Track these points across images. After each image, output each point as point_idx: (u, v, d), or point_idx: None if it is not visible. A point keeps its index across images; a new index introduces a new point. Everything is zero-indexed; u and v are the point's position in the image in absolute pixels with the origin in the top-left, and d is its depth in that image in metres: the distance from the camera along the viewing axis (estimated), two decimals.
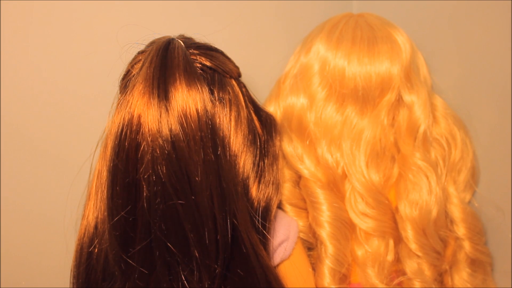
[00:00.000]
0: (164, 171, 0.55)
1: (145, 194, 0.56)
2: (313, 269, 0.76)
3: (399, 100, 0.79)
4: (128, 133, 0.56)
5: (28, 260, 0.81)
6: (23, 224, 0.80)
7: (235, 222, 0.59)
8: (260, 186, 0.65)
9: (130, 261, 0.58)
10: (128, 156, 0.56)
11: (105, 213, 0.60)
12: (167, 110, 0.55)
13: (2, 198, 0.78)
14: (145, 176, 0.55)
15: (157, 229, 0.56)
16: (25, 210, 0.80)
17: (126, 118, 0.56)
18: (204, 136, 0.56)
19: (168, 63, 0.57)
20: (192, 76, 0.57)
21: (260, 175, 0.65)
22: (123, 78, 0.64)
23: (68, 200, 0.75)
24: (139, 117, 0.55)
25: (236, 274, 0.60)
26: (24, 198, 0.80)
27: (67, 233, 0.77)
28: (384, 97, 0.78)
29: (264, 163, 0.66)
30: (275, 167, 0.68)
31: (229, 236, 0.59)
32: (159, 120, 0.55)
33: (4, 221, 0.79)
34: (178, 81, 0.56)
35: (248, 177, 0.63)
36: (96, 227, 0.64)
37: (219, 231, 0.58)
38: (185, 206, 0.56)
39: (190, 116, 0.56)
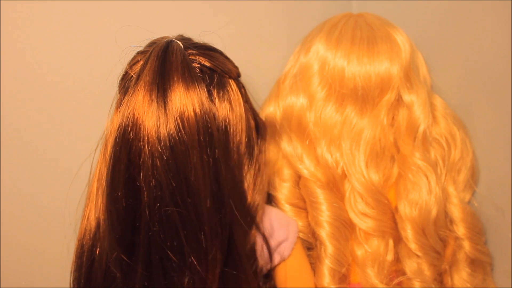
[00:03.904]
0: (162, 175, 0.55)
1: (145, 198, 0.56)
2: (313, 269, 0.76)
3: (399, 100, 0.79)
4: (127, 137, 0.56)
5: (28, 260, 0.82)
6: (23, 224, 0.80)
7: (233, 225, 0.59)
8: (254, 189, 0.65)
9: (132, 264, 0.58)
10: (127, 159, 0.56)
11: (106, 214, 0.60)
12: (165, 114, 0.55)
13: (2, 198, 0.78)
14: (145, 180, 0.56)
15: (156, 233, 0.56)
16: (25, 210, 0.80)
17: (126, 123, 0.56)
18: (202, 139, 0.56)
19: (167, 67, 0.57)
20: (191, 80, 0.57)
21: (255, 178, 0.65)
22: (122, 79, 0.64)
23: (68, 200, 0.75)
24: (138, 121, 0.56)
25: (232, 279, 0.60)
26: (24, 198, 0.80)
27: (67, 233, 0.77)
28: (383, 97, 0.78)
29: (258, 167, 0.66)
30: (265, 172, 0.68)
31: (227, 239, 0.59)
32: (158, 124, 0.55)
33: (4, 221, 0.79)
34: (176, 85, 0.56)
35: (245, 180, 0.63)
36: (97, 227, 0.64)
37: (216, 235, 0.58)
38: (182, 210, 0.56)
39: (188, 119, 0.56)
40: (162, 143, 0.55)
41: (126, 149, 0.56)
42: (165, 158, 0.55)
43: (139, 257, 0.58)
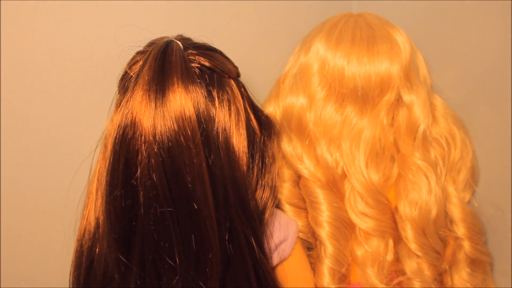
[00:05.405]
0: (158, 175, 0.55)
1: (141, 198, 0.56)
2: (313, 269, 0.76)
3: (399, 100, 0.79)
4: (126, 136, 0.56)
5: (28, 260, 0.82)
6: (23, 224, 0.80)
7: (231, 226, 0.59)
8: (258, 188, 0.65)
9: (129, 264, 0.58)
10: (125, 159, 0.56)
11: (105, 214, 0.60)
12: (163, 114, 0.55)
13: (2, 198, 0.78)
14: (141, 179, 0.56)
15: (150, 233, 0.56)
16: (25, 210, 0.80)
17: (125, 122, 0.56)
18: (198, 140, 0.56)
19: (166, 67, 0.57)
20: (190, 80, 0.57)
21: (258, 177, 0.65)
22: (122, 79, 0.64)
23: (68, 200, 0.75)
24: (136, 120, 0.56)
25: (232, 280, 0.60)
26: (24, 198, 0.80)
27: (67, 233, 0.77)
28: (383, 97, 0.78)
29: (262, 165, 0.66)
30: (273, 169, 0.67)
31: (226, 240, 0.59)
32: (155, 124, 0.55)
33: (4, 221, 0.79)
34: (175, 85, 0.56)
35: (246, 180, 0.63)
36: (96, 227, 0.64)
37: (210, 237, 0.57)
38: (176, 211, 0.56)
39: (185, 120, 0.56)
40: (158, 143, 0.55)
41: (125, 148, 0.56)
42: (161, 158, 0.55)
43: (135, 257, 0.58)
